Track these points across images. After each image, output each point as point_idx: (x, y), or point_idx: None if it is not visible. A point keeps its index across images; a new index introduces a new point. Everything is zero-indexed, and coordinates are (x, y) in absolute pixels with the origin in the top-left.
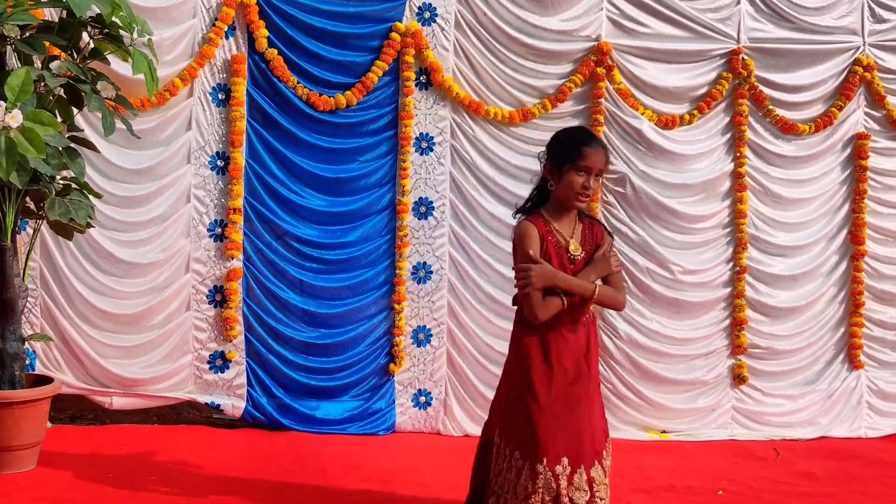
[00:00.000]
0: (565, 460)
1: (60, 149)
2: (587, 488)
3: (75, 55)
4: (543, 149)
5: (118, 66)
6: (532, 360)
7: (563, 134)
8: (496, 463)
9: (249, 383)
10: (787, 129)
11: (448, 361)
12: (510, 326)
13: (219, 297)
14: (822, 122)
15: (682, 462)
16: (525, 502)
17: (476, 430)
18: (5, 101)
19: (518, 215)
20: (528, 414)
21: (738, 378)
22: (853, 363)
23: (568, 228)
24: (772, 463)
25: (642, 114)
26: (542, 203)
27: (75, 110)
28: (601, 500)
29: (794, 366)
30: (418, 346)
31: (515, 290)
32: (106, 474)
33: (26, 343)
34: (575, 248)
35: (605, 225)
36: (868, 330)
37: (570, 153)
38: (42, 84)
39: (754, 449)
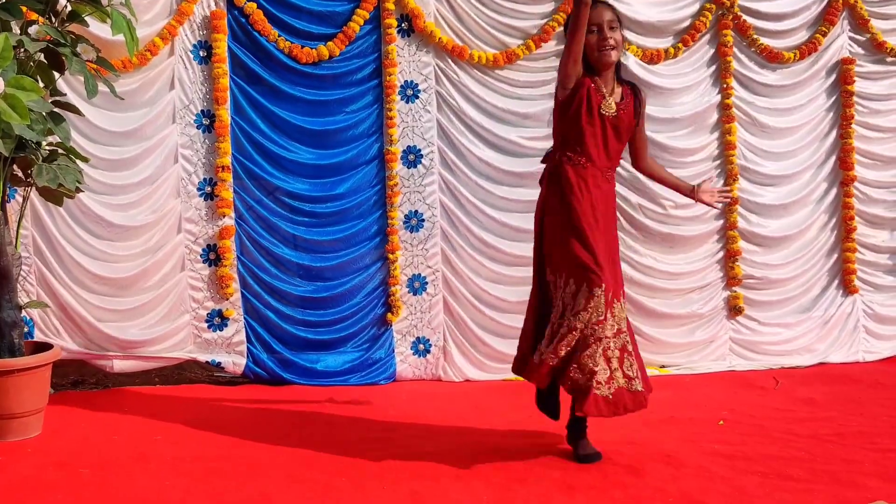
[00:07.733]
0: (604, 286)
1: (44, 114)
2: (612, 316)
3: (53, 19)
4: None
5: (97, 28)
6: (575, 196)
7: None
8: (556, 294)
9: (249, 340)
10: (772, 58)
11: (445, 308)
12: (504, 270)
13: (213, 255)
14: (807, 49)
15: (681, 395)
16: (579, 314)
17: (477, 374)
18: None
19: None
20: (578, 247)
21: (734, 309)
22: (848, 288)
23: (607, 88)
24: (771, 391)
25: (627, 49)
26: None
27: (57, 74)
28: (611, 326)
29: (789, 294)
30: (414, 294)
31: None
32: (111, 437)
33: (23, 311)
34: (607, 105)
35: (639, 87)
36: (861, 255)
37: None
38: (21, 50)
39: (753, 378)
